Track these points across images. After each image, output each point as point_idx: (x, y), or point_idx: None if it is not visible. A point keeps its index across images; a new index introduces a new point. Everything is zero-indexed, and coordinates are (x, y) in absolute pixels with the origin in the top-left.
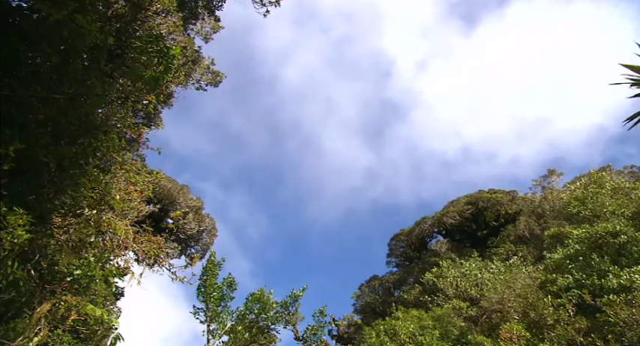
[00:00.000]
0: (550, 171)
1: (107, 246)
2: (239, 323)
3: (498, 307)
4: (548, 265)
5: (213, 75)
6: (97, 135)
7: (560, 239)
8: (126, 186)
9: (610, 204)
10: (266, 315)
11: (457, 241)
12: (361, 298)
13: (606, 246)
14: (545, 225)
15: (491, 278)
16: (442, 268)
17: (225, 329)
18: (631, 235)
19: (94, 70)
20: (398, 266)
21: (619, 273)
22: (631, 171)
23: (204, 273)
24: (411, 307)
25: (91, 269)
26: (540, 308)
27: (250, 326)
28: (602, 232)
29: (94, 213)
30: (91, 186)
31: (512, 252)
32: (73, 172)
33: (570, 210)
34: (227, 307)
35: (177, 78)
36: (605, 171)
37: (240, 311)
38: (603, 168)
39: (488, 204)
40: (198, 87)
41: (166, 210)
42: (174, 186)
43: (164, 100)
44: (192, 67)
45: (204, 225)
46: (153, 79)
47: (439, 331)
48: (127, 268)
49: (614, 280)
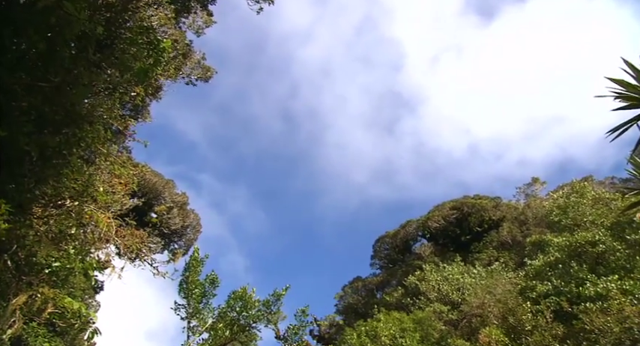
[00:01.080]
0: (534, 179)
1: (88, 239)
2: (220, 321)
3: (478, 312)
4: (529, 272)
5: (203, 70)
6: (82, 126)
7: (541, 246)
8: (110, 179)
9: (590, 213)
10: (247, 313)
11: (441, 245)
12: (344, 299)
13: (585, 255)
14: (528, 232)
15: (473, 283)
16: (425, 271)
17: (206, 327)
18: (609, 245)
19: (82, 59)
20: (382, 268)
21: (596, 282)
22: (612, 182)
23: (187, 269)
24: (392, 309)
25: (71, 262)
26: (519, 313)
27: (231, 324)
28: (582, 241)
29: (76, 205)
30: (74, 177)
31: (494, 257)
32: (55, 162)
33: (552, 218)
34: (209, 304)
35: (166, 71)
36: (587, 181)
37: (222, 309)
38: (585, 178)
39: (472, 209)
40: (188, 81)
41: (151, 204)
42: (159, 180)
43: (153, 93)
44: (182, 61)
45: (188, 220)
46: (142, 71)
47: (419, 334)
48: (107, 262)
49: (591, 288)
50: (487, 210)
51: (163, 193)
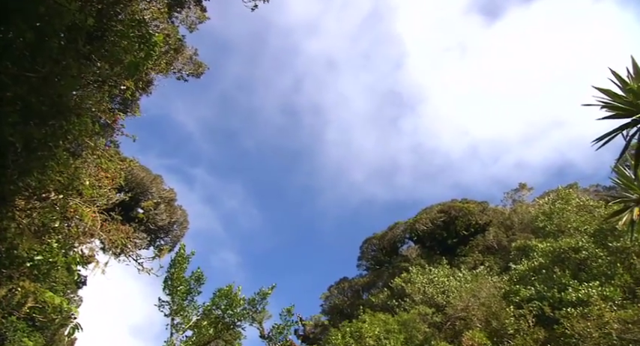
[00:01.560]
0: (521, 185)
1: (72, 233)
2: (204, 319)
3: (463, 314)
4: (513, 276)
5: (195, 65)
6: (70, 118)
7: (526, 251)
8: (96, 172)
9: (574, 220)
10: (232, 312)
11: (428, 248)
12: (330, 299)
13: (568, 261)
14: (513, 237)
15: (458, 286)
16: (411, 274)
17: (190, 324)
18: (591, 251)
19: (71, 50)
20: (368, 269)
21: (578, 287)
22: (596, 189)
23: (172, 266)
24: (378, 310)
25: (53, 256)
26: (502, 317)
27: (216, 322)
28: (565, 247)
29: (61, 198)
30: (59, 170)
31: (479, 261)
32: (40, 154)
33: (537, 224)
34: (193, 301)
35: (157, 65)
36: (572, 189)
37: (207, 306)
38: (570, 185)
39: (460, 213)
40: (180, 77)
41: (137, 200)
42: (147, 175)
43: (143, 87)
44: (174, 56)
45: (175, 216)
46: (132, 65)
47: (404, 335)
48: (91, 256)
49: (573, 294)
50: (474, 214)
51: (151, 188)
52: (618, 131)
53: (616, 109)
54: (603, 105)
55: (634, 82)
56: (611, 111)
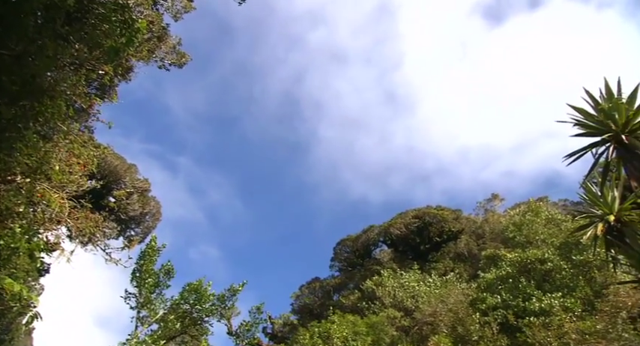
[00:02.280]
0: (494, 195)
1: (37, 218)
2: (171, 313)
3: (430, 319)
4: (481, 284)
5: (178, 55)
6: (42, 100)
7: (495, 260)
8: (68, 158)
9: (542, 232)
10: (201, 307)
11: (400, 252)
12: (300, 298)
13: (534, 271)
14: (484, 245)
15: (427, 292)
16: (383, 277)
17: (156, 318)
18: (556, 263)
19: (48, 30)
20: (341, 270)
21: (541, 298)
22: (564, 204)
23: (142, 258)
24: (347, 312)
25: (16, 241)
26: (468, 324)
27: (183, 317)
28: (532, 258)
29: (27, 182)
30: (28, 153)
31: (450, 268)
32: (8, 135)
33: (507, 234)
34: (161, 295)
35: (139, 52)
36: (543, 202)
37: (175, 301)
38: (541, 198)
39: (434, 220)
40: (161, 65)
41: (110, 188)
42: (121, 163)
43: (122, 73)
44: (157, 44)
45: (148, 207)
46: (113, 50)
47: (372, 338)
48: (57, 244)
49: (536, 304)
50: (448, 222)
51: (124, 177)
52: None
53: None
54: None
55: (605, 102)
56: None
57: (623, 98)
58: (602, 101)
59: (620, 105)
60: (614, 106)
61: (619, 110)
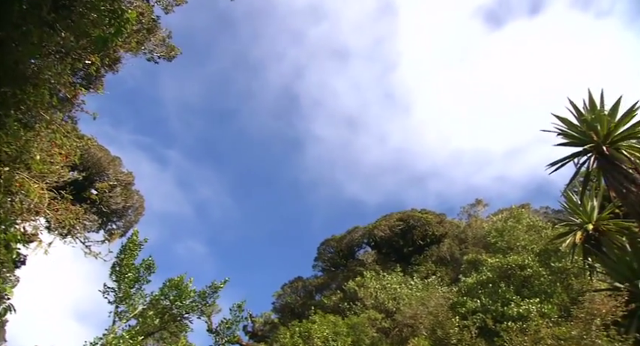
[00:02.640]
0: (477, 200)
1: (15, 208)
2: (151, 308)
3: (410, 322)
4: (462, 288)
5: (168, 48)
6: (25, 87)
7: (476, 265)
8: (49, 147)
9: (523, 238)
10: (181, 303)
11: (384, 254)
12: (282, 297)
13: (513, 277)
14: (466, 250)
15: (409, 294)
16: (365, 278)
17: (135, 313)
18: (535, 270)
19: (33, 16)
20: (324, 270)
21: (520, 303)
22: (545, 211)
23: (123, 252)
24: (329, 312)
25: None
26: (447, 327)
27: (162, 313)
28: (513, 264)
29: (6, 171)
30: (7, 141)
31: (432, 271)
32: None
33: (489, 240)
34: (141, 290)
35: (128, 44)
36: (525, 208)
37: (155, 296)
38: (523, 205)
39: (418, 223)
40: (150, 58)
41: (92, 180)
42: (105, 155)
43: (109, 64)
44: (146, 36)
45: (131, 201)
46: (100, 40)
47: (352, 338)
48: (34, 235)
49: (514, 309)
50: (431, 225)
51: (108, 170)
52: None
53: (570, 137)
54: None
55: (588, 113)
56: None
57: (605, 110)
58: (586, 112)
59: (603, 116)
60: (596, 118)
61: (601, 121)
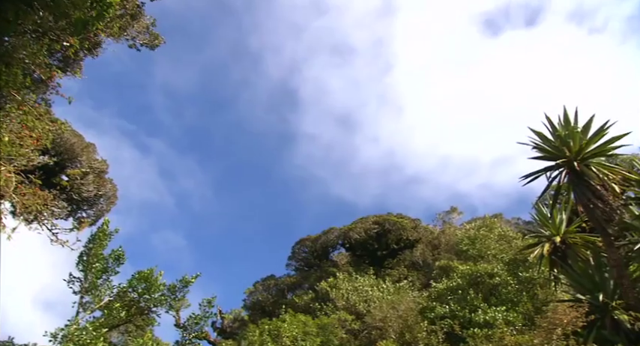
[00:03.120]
0: (452, 208)
1: None
2: (117, 300)
3: (380, 324)
4: (432, 293)
5: (151, 36)
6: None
7: (447, 271)
8: (20, 129)
9: (494, 247)
10: (149, 296)
11: (357, 256)
12: (254, 295)
13: (482, 285)
14: (438, 256)
15: (380, 297)
16: (338, 279)
17: (101, 304)
18: (504, 278)
19: None
20: (297, 270)
21: (487, 310)
22: (517, 222)
23: (92, 241)
24: (300, 312)
25: None
26: (416, 331)
27: (129, 305)
28: (482, 272)
29: None
30: None
31: (404, 275)
32: None
33: (461, 247)
34: (108, 281)
35: (109, 28)
36: (497, 218)
37: (122, 288)
38: (496, 215)
39: (393, 227)
40: (132, 45)
41: (63, 166)
42: (79, 141)
43: (89, 48)
44: (129, 22)
45: (104, 189)
46: (80, 22)
47: (321, 339)
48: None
49: (481, 315)
50: (406, 230)
51: (81, 156)
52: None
53: (544, 151)
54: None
55: (563, 129)
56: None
57: (579, 127)
58: (560, 128)
59: (576, 133)
60: (569, 134)
61: (574, 138)
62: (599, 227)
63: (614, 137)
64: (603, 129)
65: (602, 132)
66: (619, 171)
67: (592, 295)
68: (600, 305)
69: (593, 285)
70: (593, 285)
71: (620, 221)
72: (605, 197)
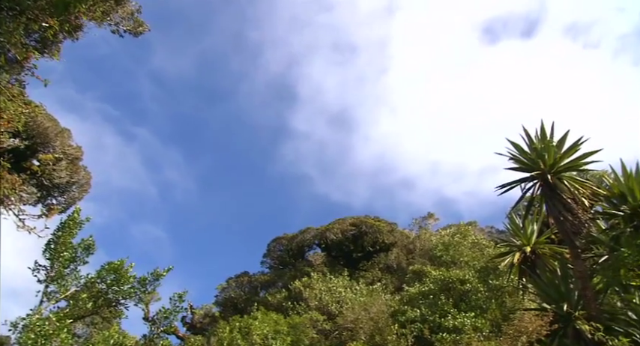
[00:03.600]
0: (429, 214)
1: None
2: (84, 291)
3: (351, 326)
4: (404, 297)
5: (135, 23)
6: None
7: (420, 276)
8: None
9: (467, 254)
10: (118, 288)
11: (333, 257)
12: (226, 291)
13: (453, 290)
14: (412, 260)
15: (353, 299)
16: (312, 279)
17: (67, 295)
18: (474, 285)
19: None
20: (272, 268)
21: (456, 316)
22: (490, 230)
23: (61, 229)
24: (272, 310)
25: None
26: (386, 334)
27: (97, 296)
28: (454, 278)
29: None
30: None
31: (377, 278)
32: None
33: (435, 253)
34: (76, 270)
35: (92, 12)
36: (472, 226)
37: (90, 278)
38: (470, 222)
39: (370, 229)
40: (115, 30)
41: (35, 150)
42: (54, 125)
43: (69, 30)
44: (113, 7)
45: (77, 177)
46: (61, 3)
47: (291, 338)
48: None
49: (451, 321)
50: (383, 233)
51: (54, 141)
52: (518, 183)
53: (520, 163)
54: (511, 158)
55: (539, 142)
56: (516, 163)
57: (554, 141)
58: (537, 141)
59: (551, 147)
60: (545, 147)
61: (549, 151)
62: (568, 239)
63: (586, 153)
64: (577, 144)
65: (576, 147)
66: (589, 186)
67: (557, 305)
68: (564, 314)
69: (558, 295)
70: (558, 295)
71: (587, 234)
72: (575, 210)
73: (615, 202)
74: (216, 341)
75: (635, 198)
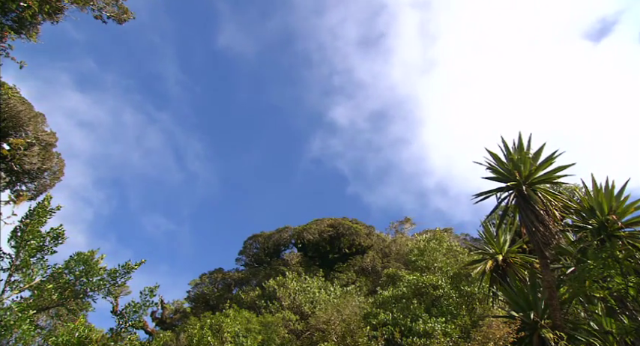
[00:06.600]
0: (406, 218)
1: None
2: (51, 281)
3: (323, 327)
4: (377, 300)
5: (120, 10)
6: None
7: (394, 279)
8: None
9: (441, 260)
10: (87, 280)
11: (309, 257)
12: (199, 287)
13: (426, 295)
14: (387, 264)
15: (326, 300)
16: (286, 278)
17: (32, 284)
18: (446, 291)
19: None
20: (246, 265)
21: (427, 320)
22: (464, 238)
23: (29, 216)
24: (244, 308)
25: None
26: (357, 336)
27: (64, 288)
28: (427, 283)
29: None
30: None
31: (352, 280)
32: None
33: (410, 257)
34: (43, 260)
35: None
36: (447, 232)
37: (57, 269)
38: (446, 229)
39: (347, 231)
40: (98, 16)
41: (6, 134)
42: (27, 109)
43: (49, 12)
44: None
45: (49, 163)
46: None
47: (262, 336)
48: None
49: (421, 325)
50: (359, 236)
51: (27, 126)
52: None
53: (497, 173)
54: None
55: (516, 153)
56: (493, 173)
57: (531, 152)
58: (514, 152)
59: (527, 158)
60: (521, 159)
61: (525, 163)
62: (538, 249)
63: (560, 166)
64: (552, 157)
65: (551, 160)
66: (561, 198)
67: (525, 313)
68: (530, 322)
69: (526, 304)
70: (526, 304)
71: (557, 245)
72: (546, 222)
73: (584, 215)
74: (186, 338)
75: (603, 212)
